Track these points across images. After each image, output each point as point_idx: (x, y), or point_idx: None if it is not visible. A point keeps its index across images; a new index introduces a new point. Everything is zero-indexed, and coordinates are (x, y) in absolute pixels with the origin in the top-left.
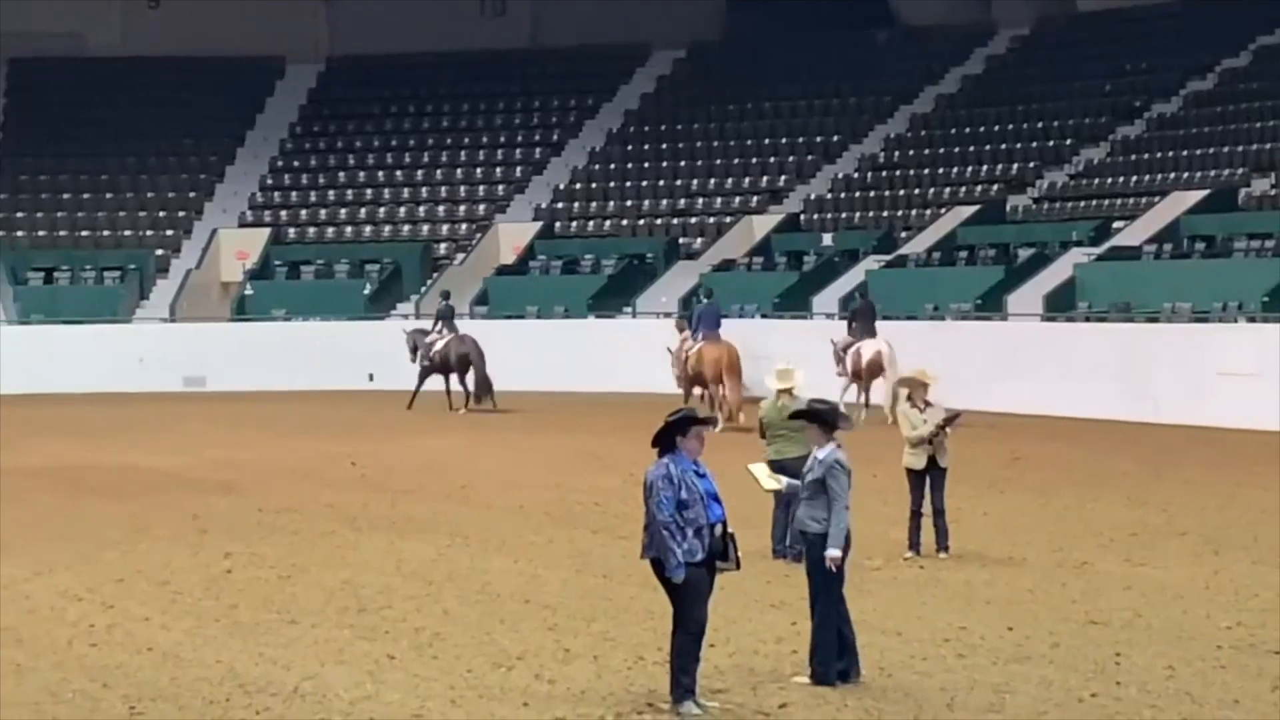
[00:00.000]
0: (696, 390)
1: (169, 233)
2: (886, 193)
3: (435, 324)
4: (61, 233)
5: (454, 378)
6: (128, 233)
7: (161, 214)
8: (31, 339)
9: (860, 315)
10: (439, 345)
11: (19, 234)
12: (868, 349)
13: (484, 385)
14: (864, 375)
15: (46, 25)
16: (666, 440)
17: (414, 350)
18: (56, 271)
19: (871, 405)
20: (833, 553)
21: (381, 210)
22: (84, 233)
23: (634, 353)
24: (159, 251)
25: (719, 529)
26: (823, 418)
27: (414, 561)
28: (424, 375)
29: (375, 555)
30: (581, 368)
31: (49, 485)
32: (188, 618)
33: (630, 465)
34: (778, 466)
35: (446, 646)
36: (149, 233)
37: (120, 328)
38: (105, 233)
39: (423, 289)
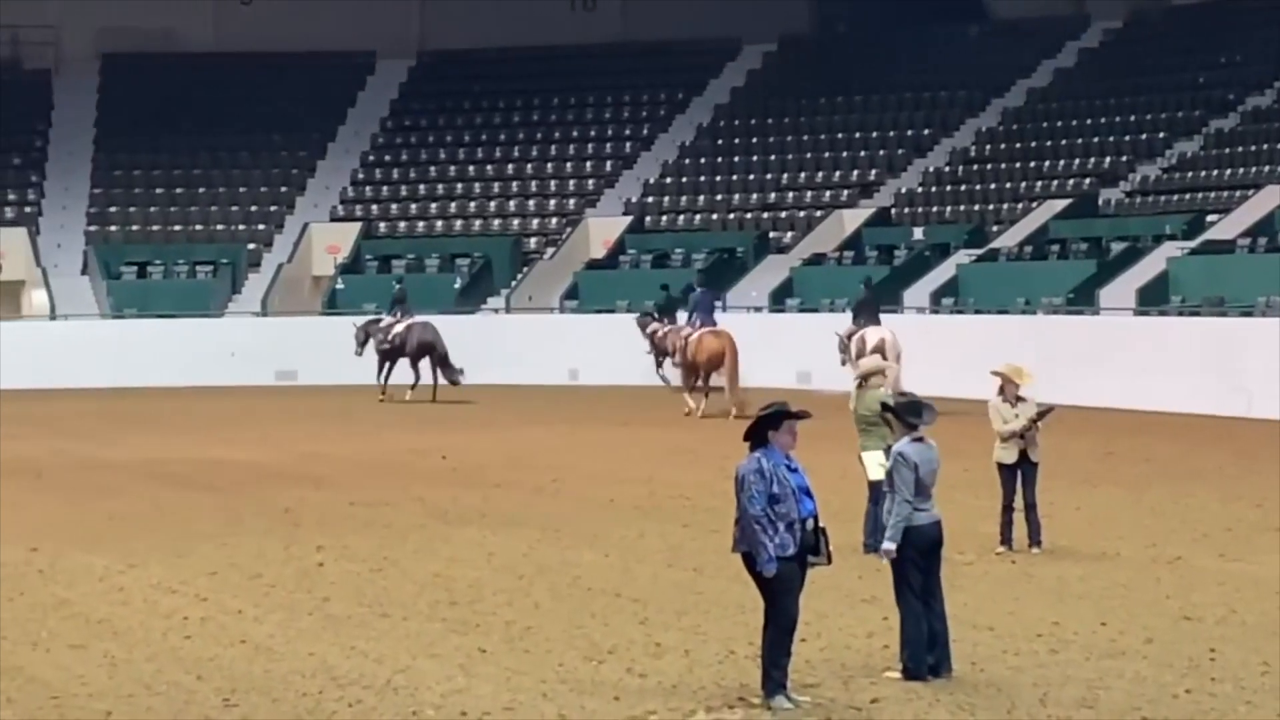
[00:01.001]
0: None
1: (261, 227)
2: (978, 186)
3: (391, 310)
4: (154, 227)
5: (415, 365)
6: (220, 227)
7: (253, 208)
8: (124, 333)
9: (864, 306)
10: (398, 329)
11: (112, 228)
12: (872, 335)
13: (450, 370)
14: None
15: (139, 21)
16: (759, 434)
17: (362, 343)
18: (149, 266)
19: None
20: (886, 546)
21: (472, 204)
22: (176, 227)
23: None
24: (251, 246)
25: (810, 524)
26: (896, 415)
27: (505, 555)
28: (384, 360)
29: (466, 549)
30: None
31: (142, 479)
32: (280, 611)
33: (720, 459)
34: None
35: (538, 640)
36: (241, 227)
37: (212, 322)
38: (197, 227)
39: (513, 283)
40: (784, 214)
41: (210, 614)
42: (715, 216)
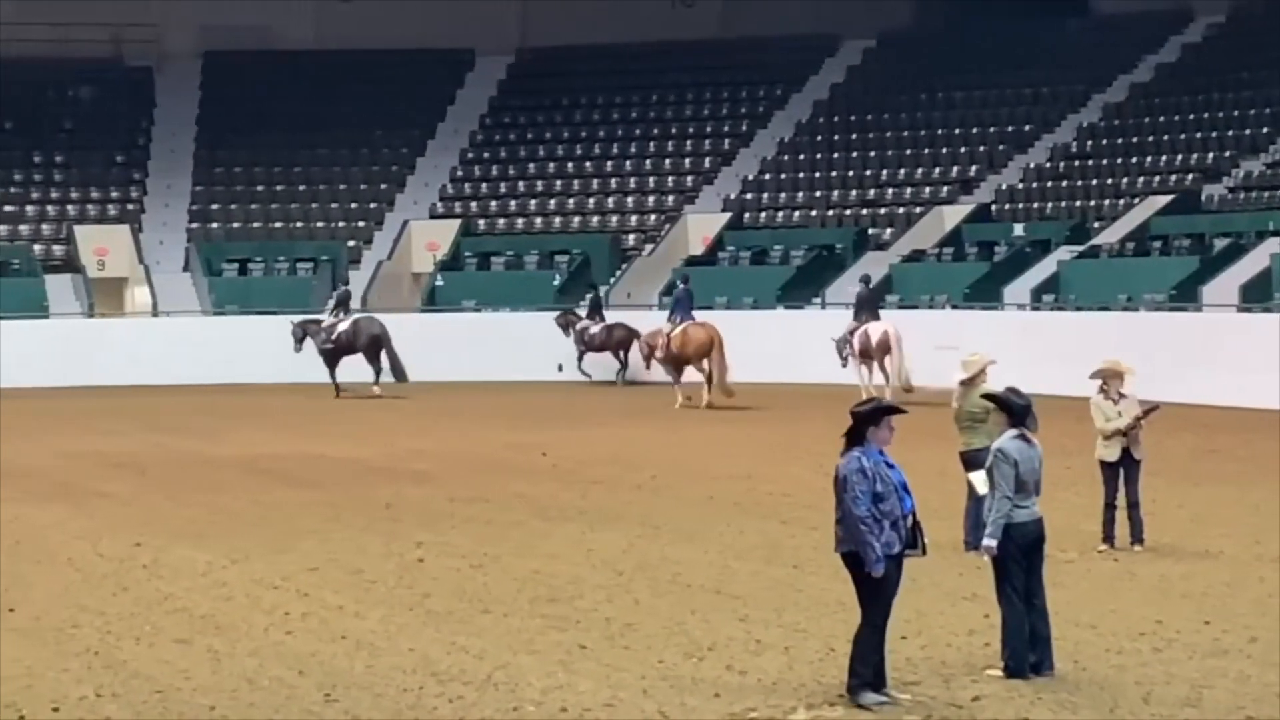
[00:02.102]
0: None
1: (361, 224)
2: (1079, 182)
3: (334, 310)
4: (255, 224)
5: (370, 360)
6: (320, 224)
7: (353, 206)
8: (226, 330)
9: (865, 302)
10: (343, 326)
11: (213, 226)
12: (875, 329)
13: (399, 367)
14: (874, 354)
15: (241, 19)
16: (858, 432)
17: (299, 340)
18: (250, 263)
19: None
20: (987, 543)
21: (571, 201)
22: (277, 224)
23: (823, 344)
24: (351, 243)
25: (910, 520)
26: (1004, 405)
27: (604, 551)
28: (330, 359)
29: (566, 545)
30: (770, 359)
31: (244, 475)
32: (381, 606)
33: (819, 456)
34: (966, 458)
35: (638, 637)
36: (341, 224)
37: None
38: (298, 224)
39: (612, 280)
40: (883, 210)
41: (312, 609)
42: (814, 213)
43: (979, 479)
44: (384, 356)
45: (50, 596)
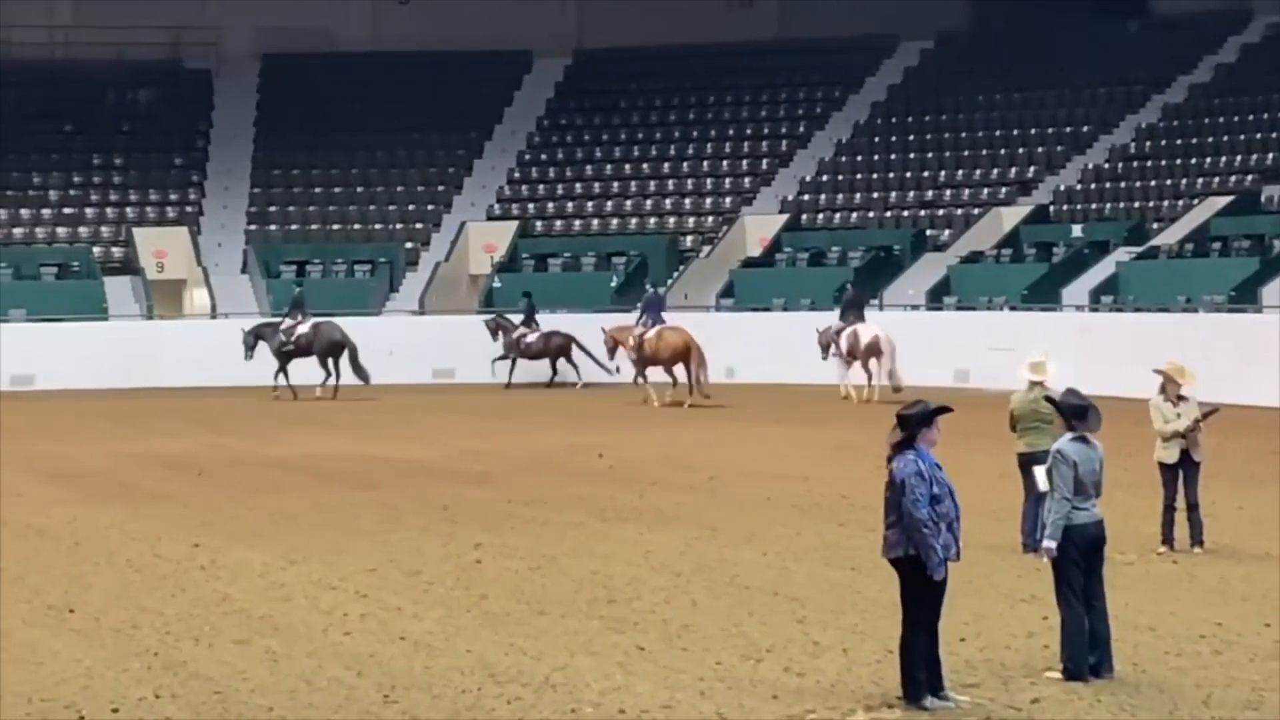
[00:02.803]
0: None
1: (418, 226)
2: (1138, 184)
3: (290, 313)
4: (313, 226)
5: (324, 363)
6: (378, 226)
7: (411, 208)
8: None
9: (850, 304)
10: (303, 330)
11: (272, 228)
12: (865, 331)
13: (361, 370)
14: (863, 356)
15: (298, 21)
16: (910, 435)
17: (251, 347)
18: (308, 265)
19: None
20: (1046, 544)
21: (628, 203)
22: (335, 226)
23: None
24: (408, 245)
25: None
26: (1059, 409)
27: (662, 553)
28: (286, 361)
29: (623, 547)
30: (826, 361)
31: (302, 476)
32: (439, 607)
33: (877, 458)
34: (1029, 459)
35: (695, 638)
36: (398, 226)
37: (370, 320)
38: (356, 226)
39: (669, 281)
40: (941, 212)
41: (370, 610)
42: (872, 214)
43: (1041, 473)
44: (344, 361)
45: (109, 597)
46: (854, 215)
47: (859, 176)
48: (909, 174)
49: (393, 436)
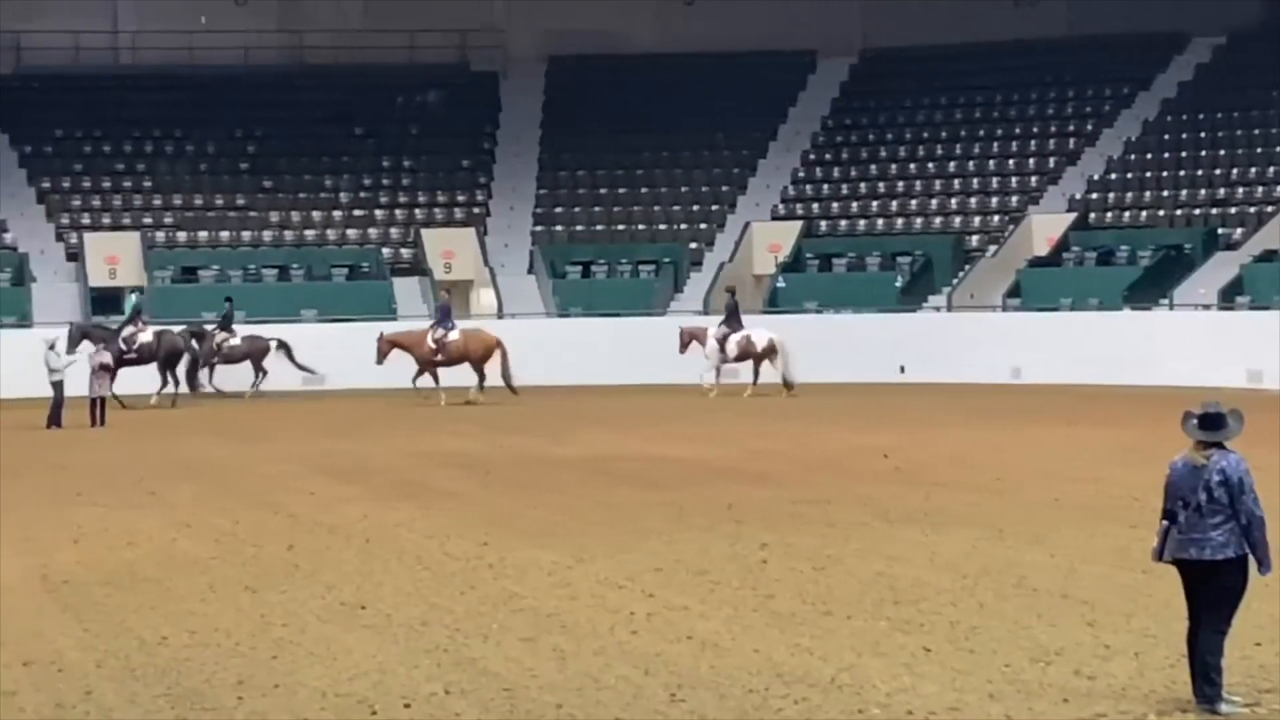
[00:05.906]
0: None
1: (703, 226)
2: None
3: (131, 319)
4: (598, 227)
5: (163, 371)
6: (662, 227)
7: (695, 208)
8: (570, 331)
9: (734, 312)
10: (145, 338)
11: (558, 229)
12: (760, 336)
13: (193, 378)
14: (758, 358)
15: (584, 23)
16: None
17: (75, 342)
18: (594, 265)
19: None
20: None
21: (912, 202)
22: (620, 227)
23: (1171, 346)
24: (693, 245)
25: None
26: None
27: (948, 554)
28: (118, 368)
29: (909, 547)
30: (1116, 361)
31: (588, 475)
32: (725, 607)
33: (1168, 460)
34: None
35: (983, 640)
36: (683, 226)
37: (655, 320)
38: (640, 227)
39: (954, 281)
40: (1233, 210)
41: (656, 609)
42: (1162, 213)
43: None
44: (181, 369)
45: (400, 594)
46: (1143, 214)
47: (1148, 174)
48: (1200, 171)
49: (677, 436)
